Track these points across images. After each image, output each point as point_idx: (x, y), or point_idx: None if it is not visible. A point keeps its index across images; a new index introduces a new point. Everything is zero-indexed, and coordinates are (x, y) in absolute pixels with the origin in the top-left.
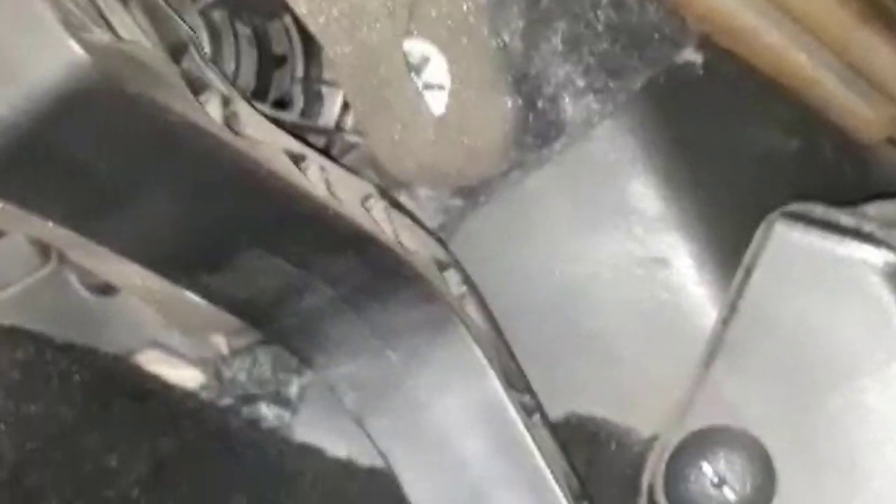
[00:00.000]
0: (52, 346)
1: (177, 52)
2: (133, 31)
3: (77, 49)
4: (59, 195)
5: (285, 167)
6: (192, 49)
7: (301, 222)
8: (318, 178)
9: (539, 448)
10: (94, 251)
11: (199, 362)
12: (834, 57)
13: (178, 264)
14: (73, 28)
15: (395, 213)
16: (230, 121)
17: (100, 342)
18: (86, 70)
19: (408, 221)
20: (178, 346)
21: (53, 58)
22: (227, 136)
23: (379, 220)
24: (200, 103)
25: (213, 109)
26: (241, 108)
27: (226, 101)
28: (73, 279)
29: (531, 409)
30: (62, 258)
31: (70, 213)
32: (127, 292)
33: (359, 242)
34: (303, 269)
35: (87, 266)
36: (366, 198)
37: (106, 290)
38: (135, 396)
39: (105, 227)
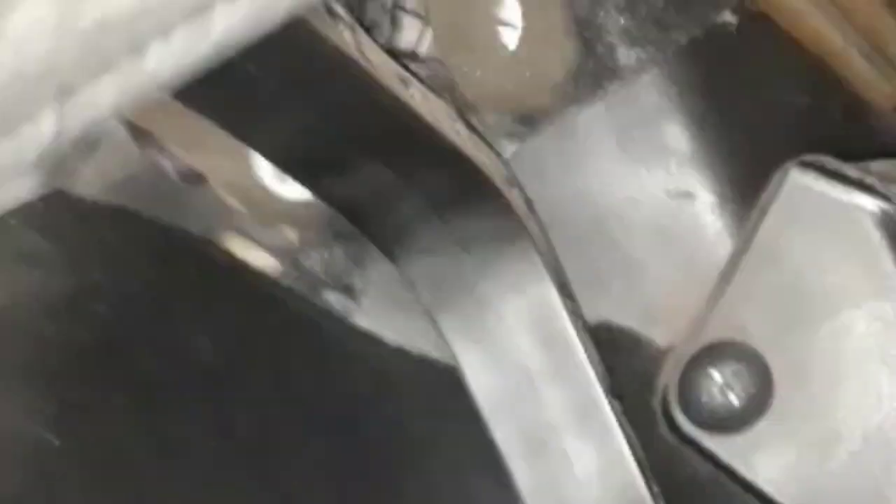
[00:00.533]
0: (150, 224)
1: None
2: None
3: None
4: (226, 101)
5: (398, 89)
6: None
7: (407, 137)
8: (420, 100)
9: (583, 348)
10: (191, 141)
11: (277, 252)
12: (861, 38)
13: (306, 166)
14: None
15: (474, 136)
16: (358, 47)
17: (190, 226)
18: None
19: (483, 143)
20: (257, 235)
21: None
22: (358, 57)
23: (465, 140)
24: (339, 30)
25: (348, 37)
26: (363, 36)
27: (352, 29)
28: (167, 165)
29: (577, 315)
30: (158, 145)
31: (236, 121)
32: (214, 183)
33: (450, 158)
34: (403, 178)
35: (182, 154)
36: (453, 120)
37: (196, 179)
38: (227, 277)
39: (256, 131)
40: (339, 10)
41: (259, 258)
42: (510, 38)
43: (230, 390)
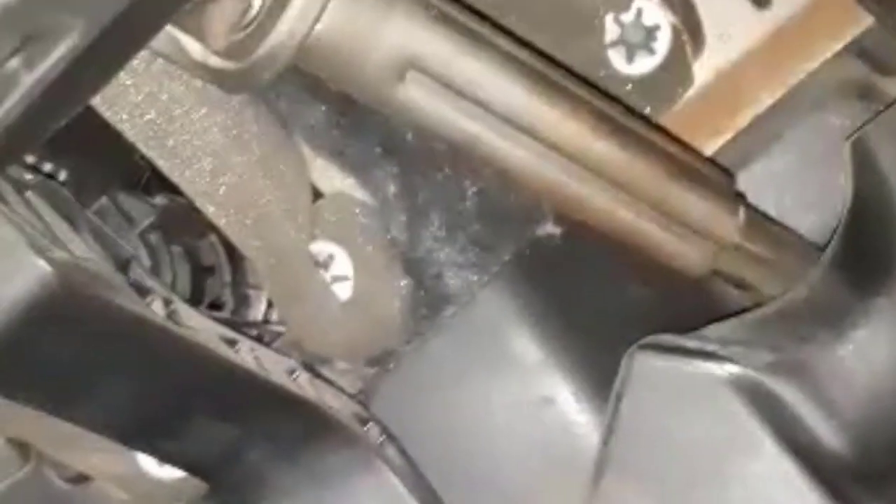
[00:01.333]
0: None
1: (124, 266)
2: (84, 250)
3: (42, 264)
4: (36, 385)
5: (221, 349)
6: (134, 263)
7: (238, 391)
8: (249, 356)
9: None
10: (69, 445)
11: None
12: (653, 210)
13: (139, 434)
14: (38, 248)
15: (318, 382)
16: (172, 316)
17: None
18: (50, 281)
19: (329, 388)
20: None
21: (23, 273)
22: (170, 326)
23: (304, 387)
24: (147, 303)
25: (157, 308)
26: (181, 306)
27: (167, 302)
28: (51, 474)
29: None
30: (41, 456)
31: (46, 399)
32: (98, 480)
33: (289, 404)
34: (244, 429)
35: (63, 460)
36: (291, 370)
37: (80, 479)
38: None
39: (75, 408)
40: (153, 285)
41: None
42: (344, 289)
43: None
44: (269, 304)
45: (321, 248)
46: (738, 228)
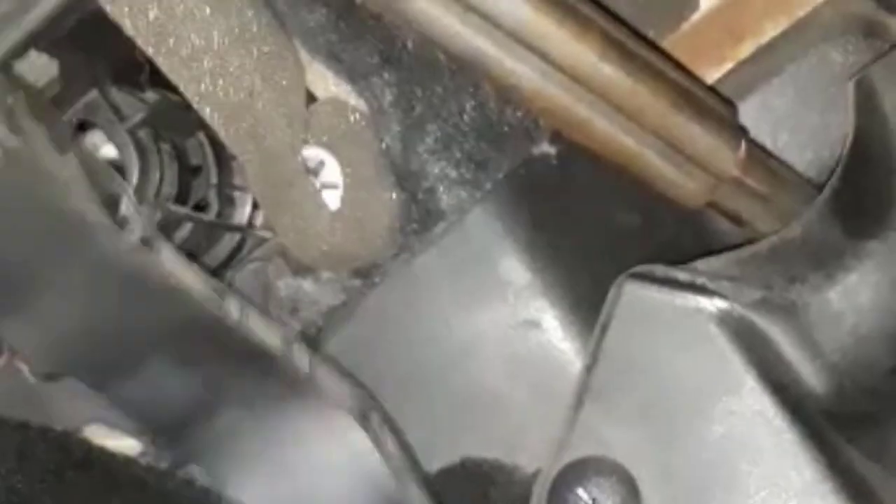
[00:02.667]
0: (8, 425)
1: (111, 201)
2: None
3: None
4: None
5: (198, 290)
6: (125, 198)
7: (206, 340)
8: (236, 311)
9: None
10: None
11: (137, 433)
12: (654, 138)
13: (88, 367)
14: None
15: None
16: (148, 242)
17: (50, 420)
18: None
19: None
20: (117, 419)
21: None
22: (129, 244)
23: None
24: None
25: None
26: (164, 246)
27: (146, 241)
28: (23, 368)
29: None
30: (13, 350)
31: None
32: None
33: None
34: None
35: None
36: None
37: (51, 375)
38: (84, 466)
39: (17, 327)
40: (141, 221)
41: (120, 444)
42: (333, 198)
43: None
44: (255, 208)
45: (311, 153)
46: (739, 162)
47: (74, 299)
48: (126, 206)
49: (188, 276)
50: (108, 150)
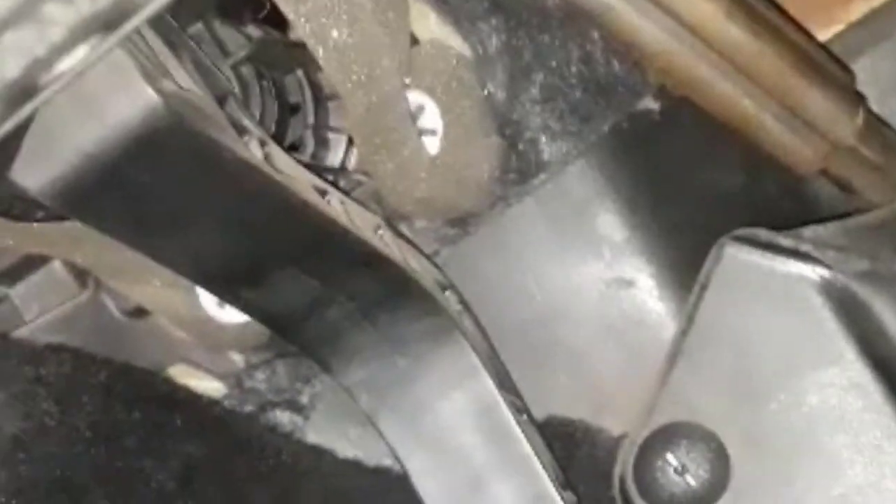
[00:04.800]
0: (94, 361)
1: (221, 100)
2: (188, 81)
3: (152, 94)
4: (129, 219)
5: (314, 198)
6: (231, 99)
7: (327, 245)
8: (339, 208)
9: (528, 441)
10: (130, 277)
11: (222, 375)
12: (774, 102)
13: (222, 280)
14: (148, 77)
15: (401, 241)
16: (268, 159)
17: (134, 358)
18: (159, 112)
19: (411, 248)
20: (203, 361)
21: (133, 101)
22: (267, 169)
23: (390, 246)
24: (244, 143)
25: (254, 149)
26: (274, 149)
27: (262, 143)
28: (109, 303)
29: (520, 409)
30: (99, 284)
31: (137, 235)
32: (157, 315)
33: (375, 262)
34: (328, 285)
35: (123, 291)
36: (377, 227)
37: (138, 313)
38: (167, 405)
39: (165, 247)
40: (249, 124)
41: (203, 383)
42: (432, 144)
43: None
44: (348, 151)
45: (412, 97)
46: (856, 130)
47: (220, 219)
48: (231, 106)
49: (304, 180)
50: None
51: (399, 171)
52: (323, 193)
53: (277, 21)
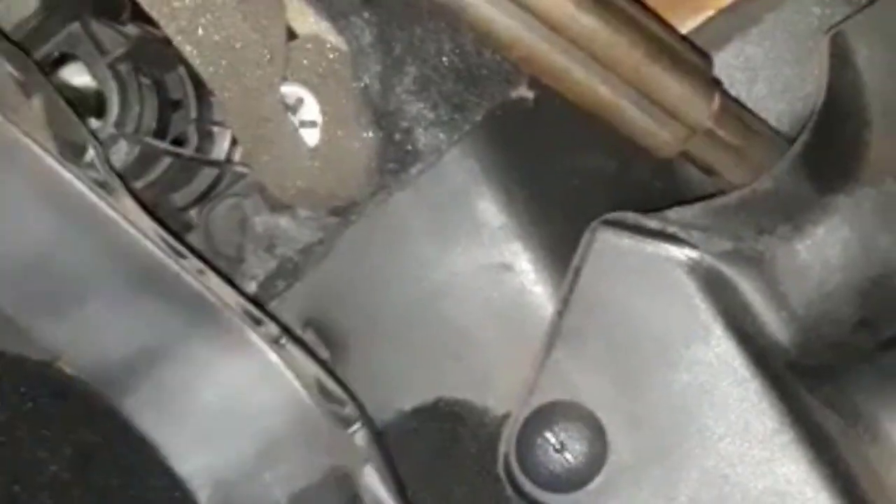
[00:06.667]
0: None
1: (80, 150)
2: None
3: None
4: None
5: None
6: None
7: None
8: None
9: None
10: None
11: None
12: (630, 88)
13: (20, 301)
14: None
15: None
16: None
17: (27, 350)
18: None
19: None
20: None
21: None
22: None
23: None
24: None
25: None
26: (125, 195)
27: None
28: None
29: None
30: None
31: None
32: None
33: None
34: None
35: None
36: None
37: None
38: (58, 395)
39: None
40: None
41: None
42: (312, 135)
43: (78, 500)
44: (233, 144)
45: (290, 91)
46: (712, 114)
47: (13, 221)
48: (91, 154)
49: (145, 224)
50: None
51: (278, 161)
52: (179, 254)
53: None
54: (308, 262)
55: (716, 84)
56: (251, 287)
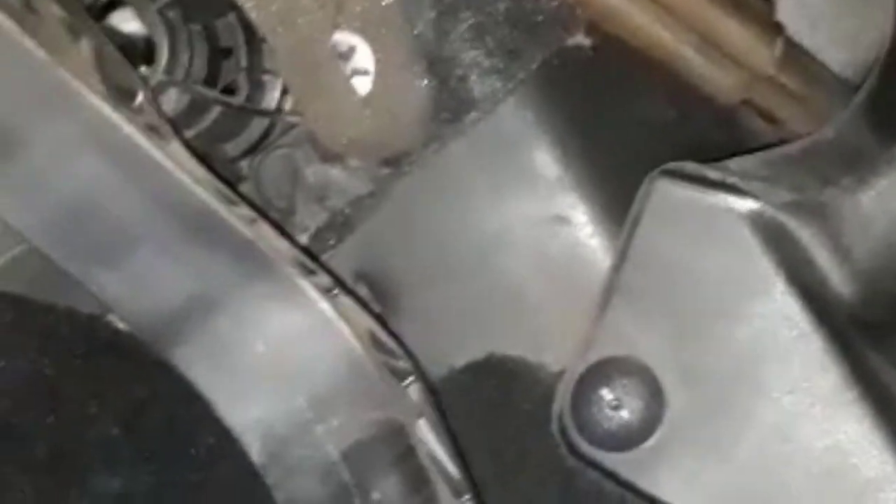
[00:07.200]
0: (35, 307)
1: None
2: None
3: None
4: None
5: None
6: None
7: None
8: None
9: None
10: None
11: None
12: (691, 33)
13: (71, 250)
14: None
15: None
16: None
17: (78, 303)
18: None
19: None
20: None
21: None
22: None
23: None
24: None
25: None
26: (177, 146)
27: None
28: None
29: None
30: None
31: None
32: None
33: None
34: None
35: None
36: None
37: None
38: (108, 350)
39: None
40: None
41: None
42: (364, 84)
43: (128, 455)
44: (284, 93)
45: (343, 38)
46: (775, 60)
47: (63, 166)
48: (140, 99)
49: (196, 171)
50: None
51: (330, 111)
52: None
53: None
54: (359, 214)
55: (778, 29)
56: (302, 240)
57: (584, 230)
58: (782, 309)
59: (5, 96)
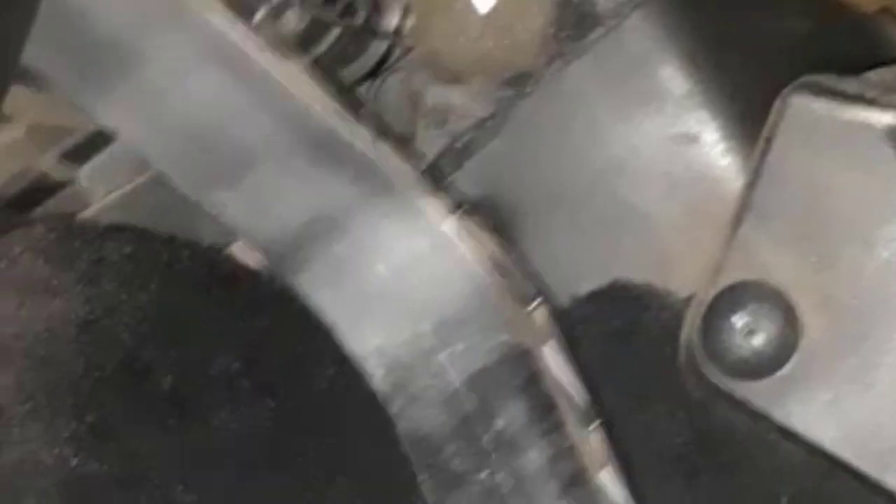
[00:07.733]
0: (156, 240)
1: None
2: None
3: None
4: None
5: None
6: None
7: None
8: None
9: None
10: None
11: None
12: None
13: (190, 169)
14: None
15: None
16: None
17: (197, 236)
18: None
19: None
20: None
21: None
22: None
23: None
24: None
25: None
26: (297, 64)
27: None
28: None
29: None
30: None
31: None
32: None
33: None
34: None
35: None
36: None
37: None
38: (230, 282)
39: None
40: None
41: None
42: (484, 2)
43: (250, 392)
44: (404, 15)
45: None
46: None
47: (182, 83)
48: (260, 16)
49: (317, 93)
50: None
51: (450, 30)
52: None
53: None
54: (480, 137)
55: None
56: (421, 166)
57: (715, 148)
58: None
59: (119, 8)
